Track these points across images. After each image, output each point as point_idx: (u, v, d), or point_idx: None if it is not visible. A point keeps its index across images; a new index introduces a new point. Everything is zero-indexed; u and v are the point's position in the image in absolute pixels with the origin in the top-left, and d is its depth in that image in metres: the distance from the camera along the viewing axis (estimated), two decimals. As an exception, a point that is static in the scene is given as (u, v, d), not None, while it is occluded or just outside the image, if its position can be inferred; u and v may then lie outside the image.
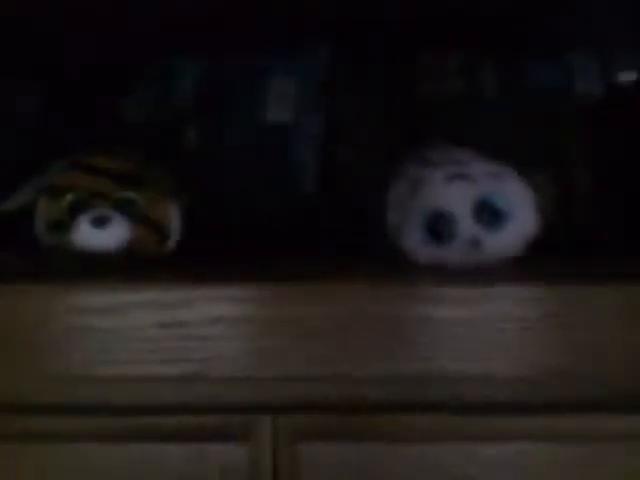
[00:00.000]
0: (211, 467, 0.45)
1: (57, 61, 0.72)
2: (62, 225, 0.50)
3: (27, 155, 0.67)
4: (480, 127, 0.77)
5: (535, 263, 0.52)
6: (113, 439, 0.46)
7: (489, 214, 0.47)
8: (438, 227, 0.48)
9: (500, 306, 0.45)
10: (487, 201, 0.48)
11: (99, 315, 0.45)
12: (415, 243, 0.49)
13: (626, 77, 0.78)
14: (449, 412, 0.45)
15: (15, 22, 0.66)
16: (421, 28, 0.76)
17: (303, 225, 0.72)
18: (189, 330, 0.45)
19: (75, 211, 0.50)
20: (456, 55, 0.78)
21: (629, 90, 0.77)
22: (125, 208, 0.51)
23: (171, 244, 0.54)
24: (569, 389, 0.45)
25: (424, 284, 0.46)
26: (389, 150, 0.73)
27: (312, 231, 0.71)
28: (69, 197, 0.51)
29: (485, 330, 0.45)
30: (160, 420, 0.46)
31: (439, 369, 0.45)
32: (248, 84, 0.76)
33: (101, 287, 0.46)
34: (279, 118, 0.77)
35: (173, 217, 0.54)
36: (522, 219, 0.48)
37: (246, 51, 0.77)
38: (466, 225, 0.48)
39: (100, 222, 0.49)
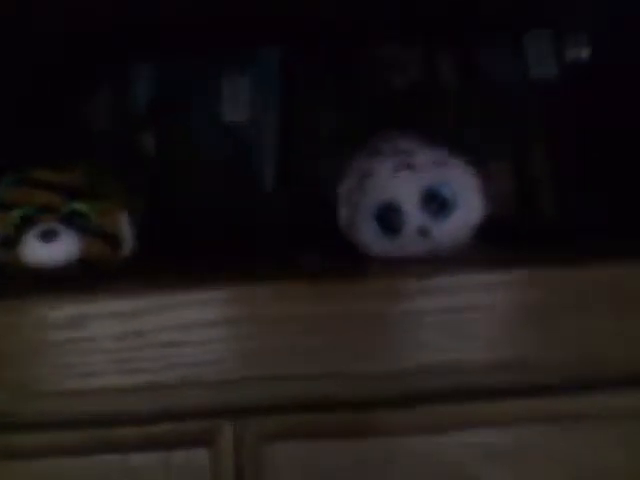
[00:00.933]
0: (175, 474, 0.45)
1: (9, 66, 0.72)
2: (10, 241, 0.50)
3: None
4: (438, 117, 0.77)
5: (502, 249, 0.53)
6: (77, 452, 0.46)
7: (436, 203, 0.48)
8: (387, 219, 0.48)
9: (482, 293, 0.45)
10: (433, 190, 0.48)
11: (57, 329, 0.45)
12: (367, 236, 0.49)
13: (579, 56, 0.78)
14: (428, 403, 0.45)
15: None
16: (375, 20, 0.76)
17: (263, 224, 0.72)
18: (145, 339, 0.45)
19: (23, 226, 0.50)
20: (412, 45, 0.79)
21: (583, 69, 0.77)
22: (73, 221, 0.51)
23: (124, 252, 0.53)
24: (557, 371, 0.46)
25: (404, 278, 0.45)
26: (347, 145, 0.73)
27: (272, 229, 0.71)
28: (16, 212, 0.50)
29: (467, 317, 0.45)
30: (123, 431, 0.46)
31: (400, 364, 0.45)
32: (203, 85, 0.76)
33: (57, 299, 0.45)
34: (235, 118, 0.77)
35: (125, 226, 0.53)
36: (468, 206, 0.48)
37: (200, 52, 0.77)
38: (414, 215, 0.48)
39: (47, 236, 0.49)
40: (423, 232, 0.48)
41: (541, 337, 0.45)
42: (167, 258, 0.62)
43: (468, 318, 0.45)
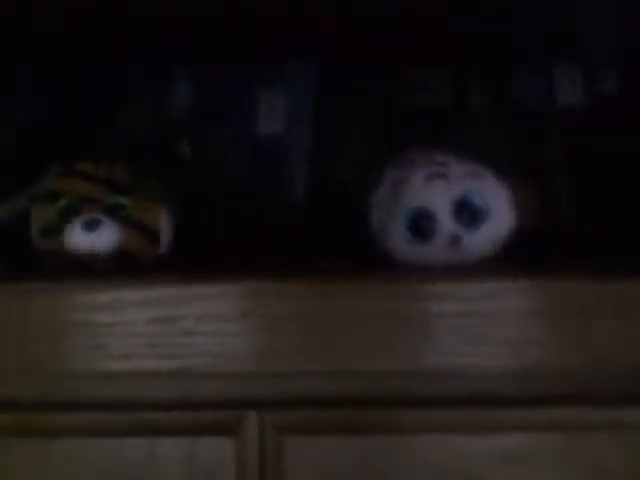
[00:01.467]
0: (200, 461, 0.46)
1: (55, 69, 0.74)
2: (55, 229, 0.52)
3: (23, 162, 0.69)
4: (467, 139, 0.79)
5: (523, 261, 0.54)
6: (103, 434, 0.47)
7: (468, 212, 0.49)
8: (419, 226, 0.49)
9: (496, 301, 0.46)
10: (466, 200, 0.49)
11: (91, 312, 0.46)
12: (398, 242, 0.51)
13: (607, 89, 0.80)
14: (443, 406, 0.46)
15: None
16: (408, 43, 0.78)
17: (295, 236, 0.74)
18: (178, 326, 0.46)
19: (67, 215, 0.52)
20: (443, 69, 0.81)
21: (610, 101, 0.79)
22: (115, 212, 0.52)
23: (162, 248, 0.55)
24: (566, 382, 0.46)
25: (421, 281, 0.47)
26: (377, 161, 0.75)
27: (304, 241, 0.72)
28: (61, 202, 0.52)
29: (481, 324, 0.46)
30: (151, 415, 0.47)
31: (433, 364, 0.46)
32: (239, 96, 0.79)
33: (94, 285, 0.47)
34: (270, 131, 0.79)
35: (163, 222, 0.55)
36: (500, 217, 0.50)
37: (239, 65, 0.79)
38: (446, 223, 0.49)
39: (91, 225, 0.51)
40: (454, 240, 0.49)
41: (553, 345, 0.46)
42: (197, 259, 0.64)
43: (478, 324, 0.46)
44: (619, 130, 0.76)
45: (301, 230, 0.73)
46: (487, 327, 0.46)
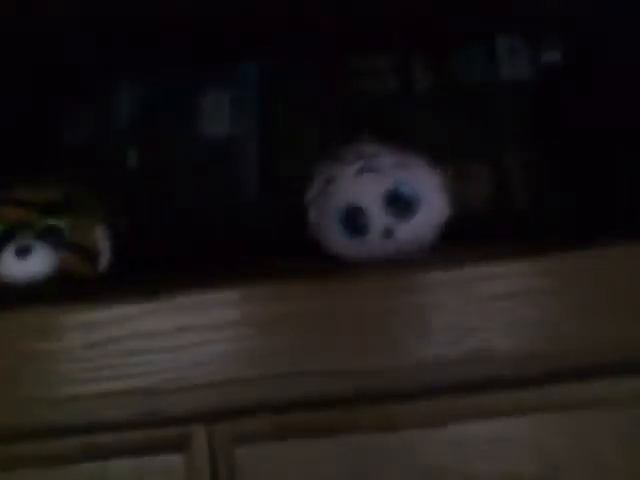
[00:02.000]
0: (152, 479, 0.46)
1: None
2: (-12, 258, 0.51)
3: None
4: (416, 122, 0.79)
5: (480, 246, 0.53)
6: (57, 461, 0.47)
7: (399, 204, 0.49)
8: (353, 222, 0.49)
9: (484, 284, 0.46)
10: (396, 191, 0.49)
11: (30, 338, 0.46)
12: (335, 239, 0.50)
13: (552, 58, 0.79)
14: (431, 396, 0.46)
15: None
16: (349, 30, 0.78)
17: (247, 237, 0.73)
18: (116, 347, 0.46)
19: (1, 243, 0.51)
20: (386, 53, 0.80)
21: (556, 71, 0.79)
22: (49, 236, 0.52)
23: (101, 266, 0.54)
24: (566, 359, 0.46)
25: (401, 274, 0.46)
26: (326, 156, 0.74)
27: (254, 243, 0.72)
28: (-7, 230, 0.52)
29: (468, 310, 0.46)
30: (100, 438, 0.47)
31: (422, 355, 0.46)
32: (184, 100, 0.78)
33: (32, 311, 0.47)
34: (216, 132, 0.78)
35: (101, 240, 0.54)
36: (432, 206, 0.49)
37: (181, 67, 0.79)
38: (378, 217, 0.49)
39: (23, 252, 0.50)
40: (387, 233, 0.48)
41: (537, 326, 0.46)
42: (148, 270, 0.63)
43: (464, 311, 0.46)
44: (568, 99, 0.76)
45: (253, 231, 0.73)
46: (472, 313, 0.45)
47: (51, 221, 0.53)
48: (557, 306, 0.46)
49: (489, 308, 0.46)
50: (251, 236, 0.73)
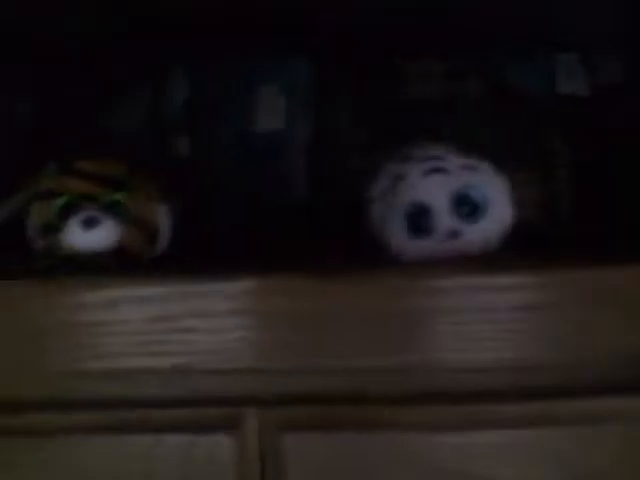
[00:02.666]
0: (199, 458, 0.46)
1: (50, 69, 0.74)
2: (53, 227, 0.52)
3: (20, 162, 0.69)
4: (467, 130, 0.79)
5: (521, 255, 0.53)
6: (104, 432, 0.47)
7: (466, 206, 0.49)
8: (418, 221, 0.49)
9: (496, 294, 0.46)
10: (464, 194, 0.49)
11: (90, 310, 0.46)
12: (397, 236, 0.51)
13: (609, 79, 0.79)
14: (440, 402, 0.46)
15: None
16: (406, 34, 0.78)
17: (296, 232, 0.73)
18: (177, 324, 0.46)
19: (65, 213, 0.52)
20: (441, 60, 0.80)
21: (611, 91, 0.79)
22: (114, 210, 0.52)
23: (161, 245, 0.55)
24: (566, 374, 0.46)
25: (417, 276, 0.46)
26: (376, 154, 0.74)
27: (305, 237, 0.72)
28: (60, 200, 0.52)
29: (478, 319, 0.46)
30: (150, 413, 0.47)
31: (431, 360, 0.46)
32: (237, 93, 0.78)
33: (92, 283, 0.47)
34: (270, 127, 0.79)
35: (162, 218, 0.55)
36: (498, 211, 0.49)
37: (237, 61, 0.79)
38: (444, 217, 0.49)
39: (90, 223, 0.51)
40: (453, 235, 0.49)
41: (549, 339, 0.46)
42: (197, 257, 0.63)
43: (476, 320, 0.46)
44: (622, 119, 0.76)
45: (303, 227, 0.73)
46: (482, 322, 0.46)
47: (116, 196, 0.53)
48: (570, 320, 0.46)
49: (501, 318, 0.46)
50: (299, 232, 0.73)
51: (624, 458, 0.46)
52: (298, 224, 0.74)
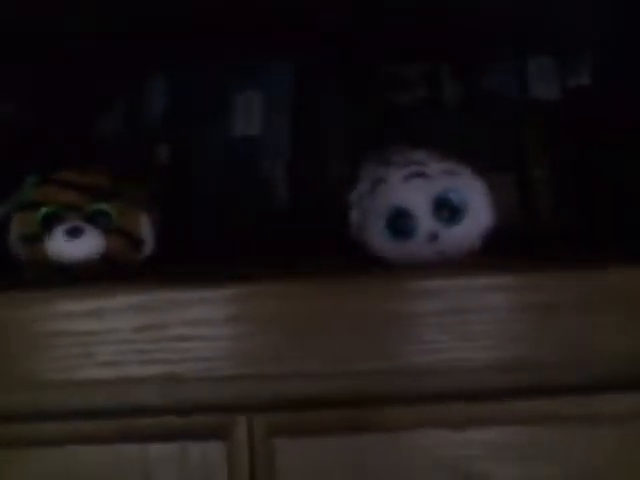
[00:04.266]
0: (191, 466, 0.47)
1: (29, 77, 0.74)
2: (36, 237, 0.52)
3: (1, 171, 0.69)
4: (443, 134, 0.80)
5: (502, 256, 0.55)
6: (95, 441, 0.47)
7: (447, 210, 0.50)
8: (399, 223, 0.50)
9: (482, 296, 0.47)
10: (444, 197, 0.50)
11: (79, 320, 0.47)
12: (378, 240, 0.51)
13: (581, 81, 0.81)
14: (436, 401, 0.47)
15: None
16: (382, 39, 0.79)
17: (277, 237, 0.74)
18: (165, 332, 0.47)
19: (49, 223, 0.52)
20: (417, 64, 0.81)
21: (584, 93, 0.80)
22: (98, 219, 0.53)
23: (144, 253, 0.55)
24: (554, 374, 0.47)
25: (405, 279, 0.48)
26: (356, 159, 0.75)
27: (286, 242, 0.73)
28: (43, 210, 0.52)
29: (469, 320, 0.47)
30: (140, 421, 0.47)
31: (403, 362, 0.47)
32: (216, 98, 0.79)
33: (80, 292, 0.47)
34: (248, 131, 0.79)
35: (145, 227, 0.55)
36: (478, 214, 0.51)
37: (214, 66, 0.80)
38: (425, 221, 0.50)
39: (74, 233, 0.51)
40: (433, 237, 0.50)
41: (540, 339, 0.47)
42: (180, 263, 0.64)
43: (471, 320, 0.47)
44: (596, 120, 0.78)
45: (284, 232, 0.73)
46: (475, 323, 0.47)
47: (100, 205, 0.53)
48: (569, 320, 0.47)
49: (498, 318, 0.47)
50: (280, 236, 0.74)
51: (622, 457, 0.47)
52: (279, 229, 0.74)
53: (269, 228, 0.74)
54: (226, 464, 0.46)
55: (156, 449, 0.47)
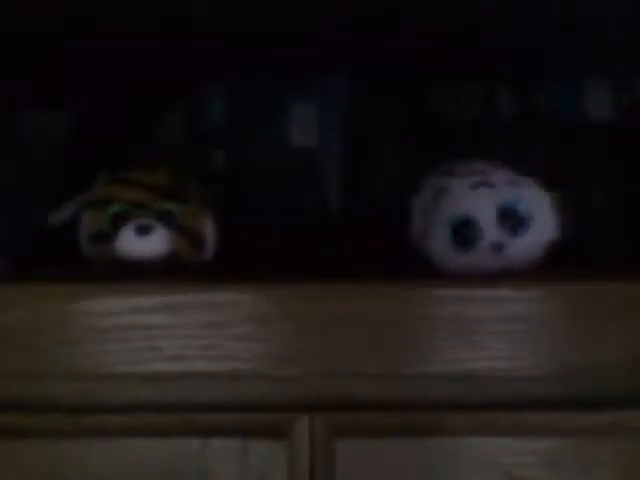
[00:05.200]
0: (251, 463, 0.47)
1: (91, 81, 0.76)
2: (106, 235, 0.53)
3: (71, 172, 0.71)
4: (497, 150, 0.80)
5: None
6: (157, 434, 0.48)
7: (512, 220, 0.50)
8: (463, 233, 0.51)
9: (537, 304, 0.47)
10: (510, 207, 0.50)
11: (147, 314, 0.47)
12: (441, 249, 0.52)
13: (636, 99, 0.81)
14: (481, 410, 0.47)
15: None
16: (439, 54, 0.80)
17: (330, 246, 0.75)
18: (230, 329, 0.47)
19: (118, 221, 0.53)
20: (473, 81, 0.82)
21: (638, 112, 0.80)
22: (166, 218, 0.54)
23: (208, 254, 0.56)
24: (612, 385, 0.47)
25: (466, 287, 0.48)
26: (410, 172, 0.76)
27: (339, 251, 0.73)
28: (113, 208, 0.54)
29: (523, 329, 0.47)
30: (203, 416, 0.48)
31: (462, 368, 0.47)
32: (273, 108, 0.80)
33: (149, 287, 0.48)
34: (303, 143, 0.80)
35: (209, 228, 0.56)
36: (543, 225, 0.51)
37: (271, 77, 0.81)
38: (490, 230, 0.50)
39: (143, 231, 0.52)
40: (497, 247, 0.50)
41: (599, 349, 0.47)
42: (240, 267, 0.65)
43: (521, 328, 0.47)
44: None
45: (339, 241, 0.74)
46: (530, 331, 0.47)
47: (167, 205, 0.55)
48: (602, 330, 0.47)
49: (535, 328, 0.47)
50: (332, 246, 0.74)
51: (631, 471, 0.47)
52: (334, 239, 0.75)
53: (323, 236, 0.75)
54: (286, 463, 0.47)
55: (217, 444, 0.47)
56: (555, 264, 0.55)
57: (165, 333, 0.47)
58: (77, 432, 0.48)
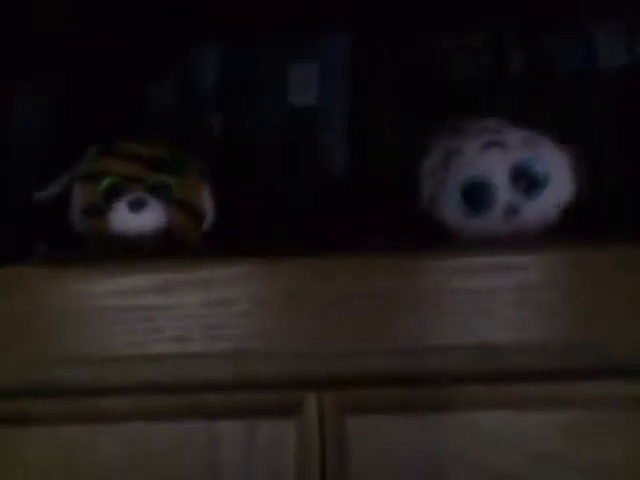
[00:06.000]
0: (260, 443, 0.45)
1: (78, 50, 0.73)
2: (99, 209, 0.51)
3: (61, 144, 0.68)
4: (506, 104, 0.77)
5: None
6: (162, 417, 0.46)
7: (526, 180, 0.47)
8: (475, 195, 0.48)
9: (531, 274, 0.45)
10: (524, 167, 0.47)
11: (146, 295, 0.45)
12: (452, 214, 0.49)
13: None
14: (496, 382, 0.45)
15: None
16: (442, 9, 0.76)
17: (332, 208, 0.72)
18: (233, 307, 0.45)
19: (111, 195, 0.51)
20: (479, 34, 0.78)
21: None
22: (160, 192, 0.51)
23: (206, 225, 0.54)
24: (610, 354, 0.45)
25: (457, 256, 0.45)
26: (415, 130, 0.73)
27: (342, 213, 0.71)
28: (105, 182, 0.51)
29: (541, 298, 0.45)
30: (208, 397, 0.46)
31: (476, 340, 0.45)
32: (270, 69, 0.77)
33: (146, 267, 0.46)
34: (302, 103, 0.77)
35: (206, 200, 0.54)
36: (559, 184, 0.48)
37: (268, 37, 0.77)
38: (504, 193, 0.47)
39: (137, 206, 0.50)
40: (512, 210, 0.47)
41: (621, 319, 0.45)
42: (237, 237, 0.62)
43: (539, 297, 0.44)
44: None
45: (342, 204, 0.71)
46: (549, 301, 0.44)
47: (161, 177, 0.52)
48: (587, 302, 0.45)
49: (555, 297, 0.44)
50: (337, 208, 0.72)
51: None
52: (336, 200, 0.72)
53: (327, 197, 0.72)
54: (295, 442, 0.45)
55: (224, 426, 0.46)
56: (570, 228, 0.52)
57: (164, 313, 0.45)
58: (83, 416, 0.46)
